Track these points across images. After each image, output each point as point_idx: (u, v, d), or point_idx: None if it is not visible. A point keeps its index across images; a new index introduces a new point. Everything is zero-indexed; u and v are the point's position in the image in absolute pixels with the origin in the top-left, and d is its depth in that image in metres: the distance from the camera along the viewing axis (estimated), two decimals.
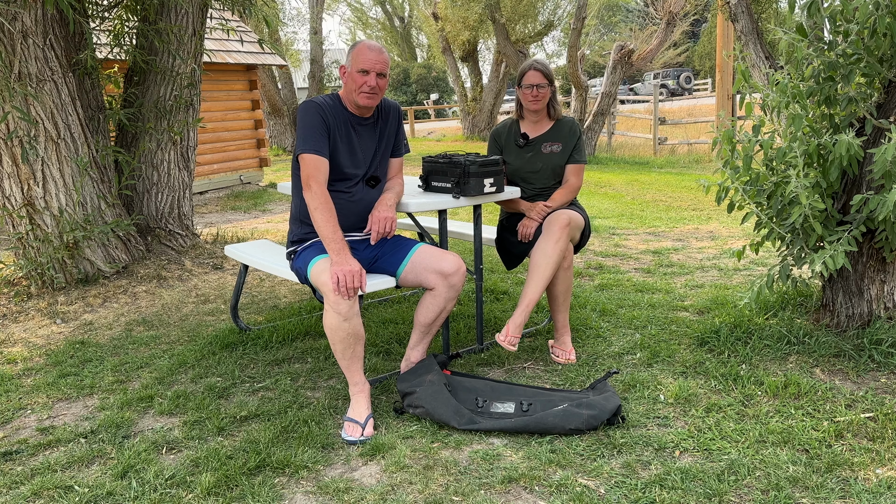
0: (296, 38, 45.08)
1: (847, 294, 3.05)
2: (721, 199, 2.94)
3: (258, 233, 6.65)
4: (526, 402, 2.58)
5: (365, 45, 2.72)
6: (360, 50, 2.70)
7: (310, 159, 2.64)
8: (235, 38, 9.50)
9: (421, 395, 2.58)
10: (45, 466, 2.35)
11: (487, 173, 3.05)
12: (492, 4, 16.39)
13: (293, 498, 2.13)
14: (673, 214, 7.17)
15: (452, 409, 2.52)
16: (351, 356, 2.54)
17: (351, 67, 2.70)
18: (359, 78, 2.67)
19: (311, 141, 2.64)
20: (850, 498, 1.98)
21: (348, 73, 2.72)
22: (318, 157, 2.64)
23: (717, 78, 12.70)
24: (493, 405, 2.61)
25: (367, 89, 2.67)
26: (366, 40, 2.76)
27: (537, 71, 3.23)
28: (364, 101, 2.70)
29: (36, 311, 4.12)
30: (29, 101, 4.04)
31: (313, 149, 2.64)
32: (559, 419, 2.42)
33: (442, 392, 2.57)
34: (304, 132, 2.66)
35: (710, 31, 33.00)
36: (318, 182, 2.61)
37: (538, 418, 2.45)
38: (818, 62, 2.84)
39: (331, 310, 2.46)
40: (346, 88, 2.76)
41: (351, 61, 2.70)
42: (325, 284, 2.48)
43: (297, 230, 2.84)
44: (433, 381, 2.62)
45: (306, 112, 2.70)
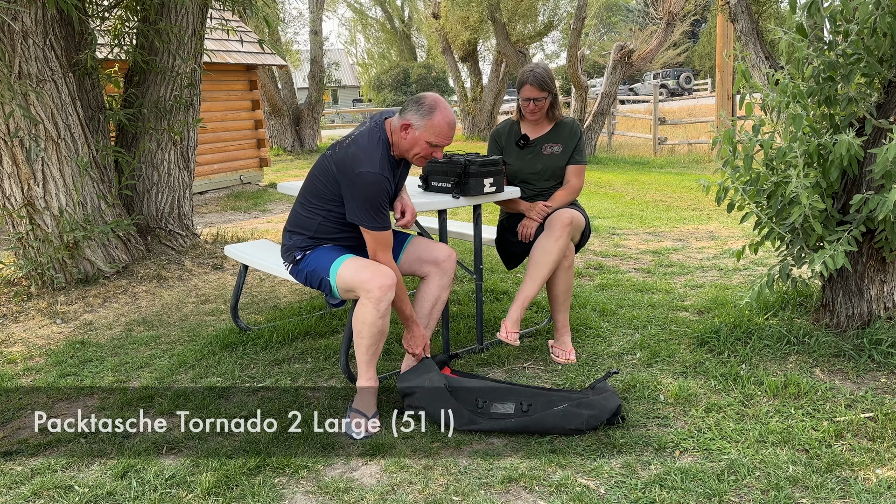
0: (296, 38, 45.10)
1: (847, 294, 3.05)
2: (721, 199, 2.93)
3: (258, 233, 6.64)
4: (526, 403, 2.58)
5: (445, 121, 2.58)
6: (440, 124, 2.57)
7: (382, 237, 2.60)
8: (235, 38, 9.50)
9: (421, 396, 2.58)
10: (45, 466, 2.35)
11: (487, 173, 3.05)
12: (492, 4, 16.39)
13: (293, 498, 2.13)
14: (673, 214, 7.17)
15: (453, 409, 2.52)
16: (374, 352, 2.61)
17: (421, 133, 2.57)
18: (427, 148, 2.60)
19: (381, 218, 2.58)
20: (849, 498, 1.98)
21: (416, 136, 2.58)
22: (387, 232, 2.61)
23: (717, 78, 12.69)
24: (492, 406, 2.61)
25: (430, 157, 2.65)
26: (444, 108, 2.59)
27: (532, 84, 3.18)
28: (419, 164, 2.73)
29: (36, 311, 4.12)
30: (29, 100, 4.04)
31: (383, 227, 2.59)
32: (559, 419, 2.42)
33: (442, 393, 2.57)
34: (373, 209, 2.56)
35: (710, 32, 32.98)
36: (387, 254, 2.63)
37: (538, 418, 2.45)
38: (818, 62, 2.83)
39: (370, 305, 2.51)
40: (402, 143, 2.62)
41: (425, 129, 2.56)
42: (366, 281, 2.52)
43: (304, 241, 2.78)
44: (433, 381, 2.62)
45: (374, 185, 2.54)
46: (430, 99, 2.60)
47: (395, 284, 2.55)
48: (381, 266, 2.58)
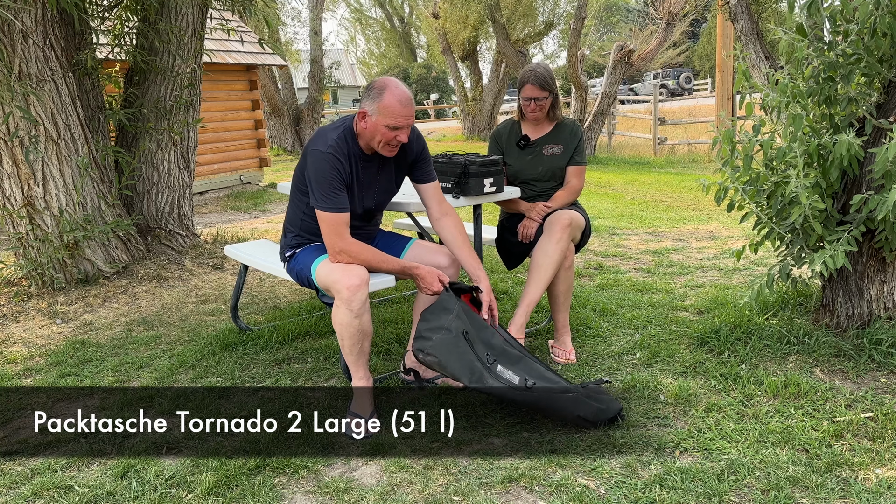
0: (296, 38, 45.09)
1: (847, 294, 3.05)
2: (721, 199, 2.93)
3: (258, 233, 6.65)
4: (531, 381, 2.53)
5: (396, 98, 2.46)
6: (391, 104, 2.45)
7: (332, 218, 2.52)
8: (235, 38, 9.50)
9: (436, 345, 2.48)
10: (45, 466, 2.35)
11: (487, 173, 3.05)
12: (491, 4, 16.39)
13: (293, 498, 2.13)
14: (673, 214, 7.17)
15: (466, 365, 2.45)
16: (359, 352, 2.57)
17: (377, 118, 2.47)
18: (387, 133, 2.49)
19: (330, 198, 2.51)
20: (849, 498, 1.98)
21: (372, 122, 2.49)
22: (340, 214, 2.54)
23: (717, 78, 12.70)
24: (499, 366, 2.54)
25: (395, 143, 2.54)
26: (393, 86, 2.48)
27: (534, 84, 3.17)
28: (388, 154, 2.58)
29: (36, 311, 4.12)
30: (29, 100, 4.04)
31: (335, 207, 2.53)
32: (570, 403, 2.41)
33: (458, 345, 2.48)
34: (322, 188, 2.51)
35: (710, 31, 32.98)
36: (344, 239, 2.54)
37: (549, 398, 2.43)
38: (818, 62, 2.83)
39: (343, 306, 2.48)
40: (364, 132, 2.56)
41: (377, 112, 2.47)
42: (336, 282, 2.50)
43: (295, 238, 2.82)
44: (451, 329, 2.50)
45: (322, 163, 2.52)
46: (380, 82, 2.53)
47: (364, 283, 2.48)
48: (350, 266, 2.53)
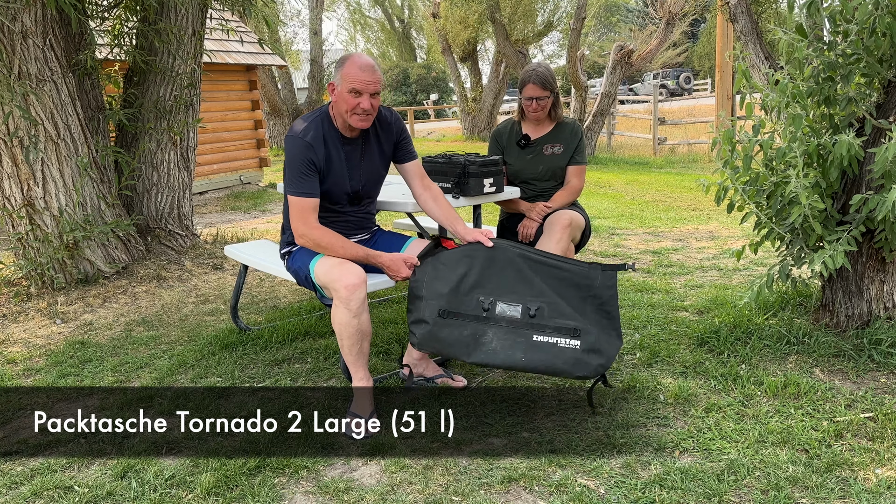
0: (296, 38, 45.07)
1: (847, 294, 3.06)
2: (720, 200, 2.93)
3: (258, 233, 6.65)
4: (533, 307, 2.48)
5: (356, 63, 2.52)
6: (351, 68, 2.51)
7: (298, 202, 2.58)
8: (235, 38, 9.50)
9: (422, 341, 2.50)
10: (45, 466, 2.35)
11: (487, 173, 3.05)
12: (491, 4, 16.39)
13: (293, 498, 2.13)
14: (673, 214, 7.17)
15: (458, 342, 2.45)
16: (358, 352, 2.57)
17: (341, 86, 2.53)
18: (351, 99, 2.52)
19: (297, 183, 2.57)
20: (849, 498, 1.98)
21: (338, 92, 2.55)
22: (306, 199, 2.58)
23: (716, 78, 12.70)
24: (497, 305, 2.50)
25: (360, 111, 2.55)
26: (356, 55, 2.57)
27: (535, 83, 3.18)
28: (358, 124, 2.59)
29: (36, 311, 4.12)
30: (29, 101, 4.04)
31: (301, 191, 2.57)
32: (569, 366, 2.41)
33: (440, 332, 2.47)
34: (292, 173, 2.57)
35: (710, 32, 32.98)
36: (308, 224, 2.58)
37: (547, 362, 2.42)
38: (818, 62, 2.84)
39: (341, 306, 2.48)
40: (336, 106, 2.62)
41: (341, 79, 2.53)
42: (335, 281, 2.50)
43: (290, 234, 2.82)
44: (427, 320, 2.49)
45: (293, 149, 2.58)
46: (343, 55, 2.62)
47: (362, 283, 2.50)
48: (348, 264, 2.54)
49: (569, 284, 2.53)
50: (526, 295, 2.51)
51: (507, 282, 2.54)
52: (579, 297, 2.52)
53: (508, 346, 2.46)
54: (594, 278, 2.54)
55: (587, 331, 2.46)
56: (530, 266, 2.56)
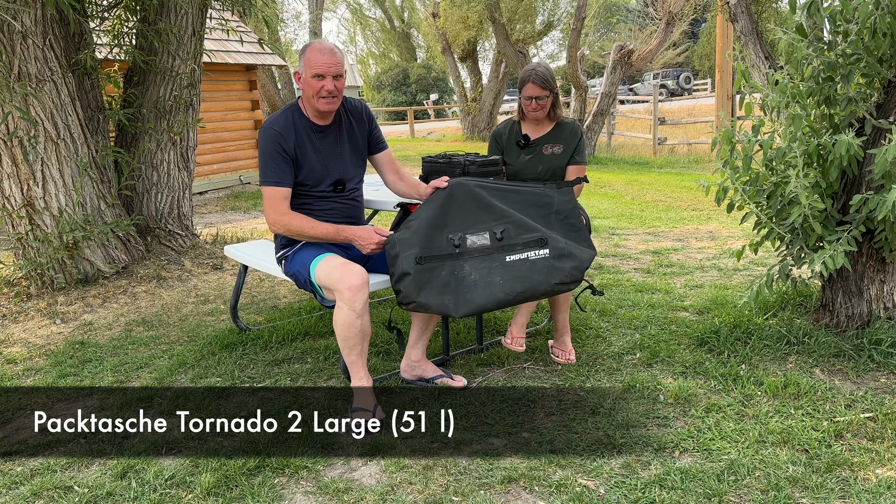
0: (296, 38, 45.05)
1: (847, 294, 3.06)
2: (720, 200, 2.94)
3: (258, 233, 6.65)
4: (499, 230, 2.53)
5: (316, 49, 2.63)
6: (311, 54, 2.62)
7: (270, 192, 2.65)
8: (235, 38, 9.50)
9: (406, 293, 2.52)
10: (45, 466, 2.35)
11: (487, 173, 3.04)
12: (491, 4, 16.39)
13: (293, 498, 2.13)
14: (673, 214, 7.18)
15: (437, 291, 2.50)
16: (359, 353, 2.58)
17: (305, 73, 2.63)
18: (315, 83, 2.62)
19: (269, 172, 2.65)
20: (849, 498, 1.98)
21: (303, 78, 2.65)
22: (277, 188, 2.65)
23: (716, 78, 12.70)
24: (468, 238, 2.57)
25: (325, 94, 2.63)
26: (315, 42, 2.69)
27: (535, 83, 3.18)
28: (325, 107, 2.67)
29: (36, 311, 4.12)
30: (29, 101, 4.04)
31: (273, 181, 2.65)
32: (544, 275, 2.45)
33: (421, 279, 2.51)
34: (264, 163, 2.66)
35: (710, 32, 32.98)
36: (279, 211, 2.66)
37: (524, 281, 2.46)
38: (818, 62, 2.84)
39: (345, 307, 2.49)
40: (304, 95, 2.70)
41: (304, 66, 2.63)
42: (338, 282, 2.51)
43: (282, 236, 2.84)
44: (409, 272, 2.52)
45: (263, 140, 2.67)
46: (304, 44, 2.71)
47: (365, 283, 2.52)
48: (350, 265, 2.56)
49: (530, 204, 2.60)
50: (489, 221, 2.58)
51: (470, 214, 2.61)
52: (542, 214, 2.59)
53: (486, 274, 2.52)
54: (552, 195, 2.61)
55: (555, 239, 2.51)
56: (490, 193, 2.63)
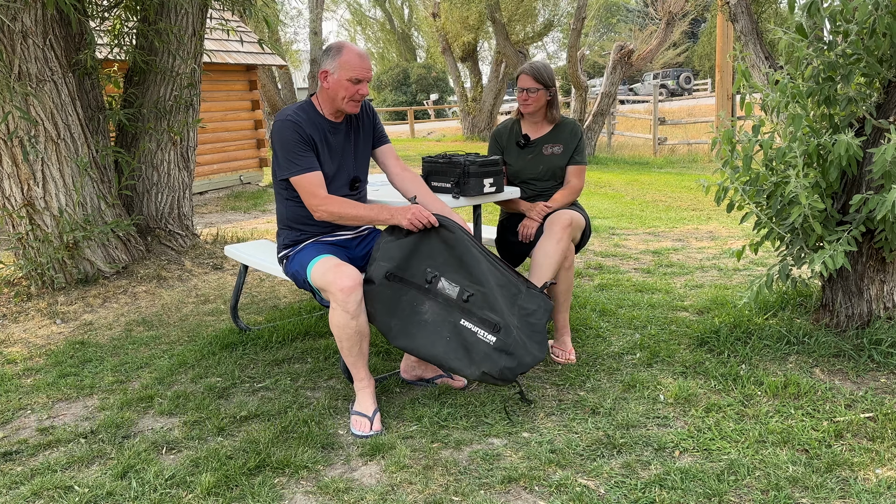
0: (296, 38, 45.09)
1: (847, 294, 3.06)
2: (720, 200, 2.94)
3: (258, 233, 6.65)
4: (468, 293, 2.54)
5: (354, 53, 2.60)
6: (350, 58, 2.58)
7: (304, 180, 2.59)
8: (235, 38, 9.50)
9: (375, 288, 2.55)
10: (45, 466, 2.35)
11: (487, 173, 3.05)
12: (491, 4, 16.39)
13: (293, 498, 2.13)
14: (673, 214, 7.18)
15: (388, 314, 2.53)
16: (357, 353, 2.56)
17: (338, 74, 2.59)
18: (350, 87, 2.59)
19: (296, 161, 2.58)
20: (849, 498, 1.98)
21: (335, 79, 2.60)
22: (310, 174, 2.59)
23: (716, 78, 12.70)
24: (441, 280, 2.57)
25: (358, 97, 2.62)
26: (350, 45, 2.64)
27: (528, 75, 3.21)
28: (352, 109, 2.65)
29: (36, 311, 4.12)
30: (29, 101, 4.04)
31: (304, 168, 2.59)
32: (479, 357, 2.47)
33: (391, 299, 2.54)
34: (288, 154, 2.59)
35: (710, 32, 32.99)
36: (318, 197, 2.60)
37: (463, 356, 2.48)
38: (818, 62, 2.84)
39: (339, 308, 2.48)
40: (327, 94, 2.65)
41: (338, 68, 2.58)
42: (331, 284, 2.49)
43: (287, 235, 2.83)
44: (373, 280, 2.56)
45: (281, 131, 2.60)
46: (336, 43, 2.67)
47: (357, 285, 2.50)
48: (343, 267, 2.53)
49: (503, 285, 2.60)
50: (466, 279, 2.58)
51: (455, 261, 2.60)
52: (509, 298, 2.59)
53: (439, 323, 2.53)
54: (520, 291, 2.61)
55: (508, 331, 2.50)
56: (482, 254, 2.63)
